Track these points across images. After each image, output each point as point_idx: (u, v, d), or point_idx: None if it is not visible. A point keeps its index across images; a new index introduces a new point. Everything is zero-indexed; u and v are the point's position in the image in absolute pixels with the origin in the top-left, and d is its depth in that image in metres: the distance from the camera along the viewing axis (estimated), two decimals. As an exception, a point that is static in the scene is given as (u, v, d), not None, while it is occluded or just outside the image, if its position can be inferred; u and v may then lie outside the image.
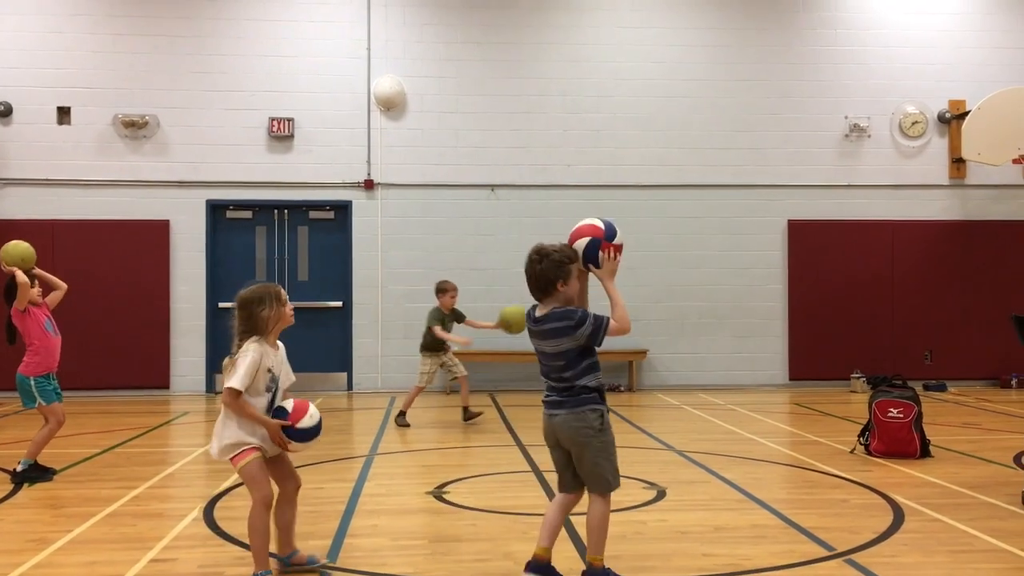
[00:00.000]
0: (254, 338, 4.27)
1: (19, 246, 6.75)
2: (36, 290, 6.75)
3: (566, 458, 4.18)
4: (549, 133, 12.93)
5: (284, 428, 4.30)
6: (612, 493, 4.16)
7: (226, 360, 4.32)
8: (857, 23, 13.30)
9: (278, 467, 4.43)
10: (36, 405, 6.67)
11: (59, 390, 6.83)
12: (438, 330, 9.38)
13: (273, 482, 4.37)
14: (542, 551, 4.17)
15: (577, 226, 4.21)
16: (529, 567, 4.16)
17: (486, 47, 12.91)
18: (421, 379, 9.57)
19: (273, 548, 4.41)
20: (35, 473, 6.58)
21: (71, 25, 12.41)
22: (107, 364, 12.10)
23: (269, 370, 4.28)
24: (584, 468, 4.11)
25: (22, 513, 5.78)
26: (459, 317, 9.57)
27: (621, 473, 4.20)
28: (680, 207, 13.01)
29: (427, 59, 12.81)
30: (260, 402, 4.29)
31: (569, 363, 4.09)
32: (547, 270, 4.05)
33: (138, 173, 12.45)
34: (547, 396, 4.18)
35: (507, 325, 8.47)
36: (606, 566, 4.16)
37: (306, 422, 4.35)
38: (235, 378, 4.17)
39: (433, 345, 9.56)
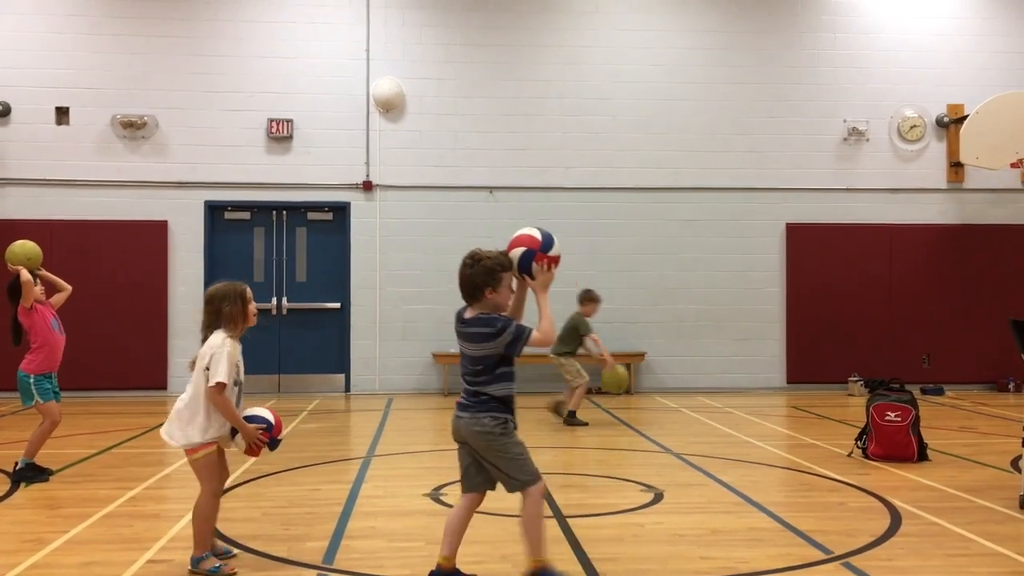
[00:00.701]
0: (222, 332, 4.46)
1: (25, 245, 6.78)
2: (39, 289, 6.76)
3: (469, 456, 4.20)
4: (548, 135, 12.94)
5: (270, 440, 4.50)
6: (540, 491, 4.13)
7: (194, 357, 4.51)
8: (855, 27, 13.32)
9: (219, 461, 4.61)
10: (33, 403, 6.67)
11: (57, 390, 6.85)
12: (595, 337, 9.72)
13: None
14: (444, 560, 4.19)
15: (516, 234, 4.20)
16: None
17: (485, 49, 12.92)
18: (578, 377, 9.66)
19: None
20: (31, 473, 6.59)
21: (70, 25, 12.41)
22: (105, 364, 12.08)
23: (237, 364, 4.49)
24: (495, 471, 4.17)
25: (19, 513, 5.77)
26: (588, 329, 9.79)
27: (618, 476, 4.21)
28: (678, 210, 13.02)
29: (426, 61, 12.81)
30: (231, 395, 4.47)
31: (484, 369, 4.11)
32: (476, 276, 4.09)
33: (136, 174, 12.45)
34: (460, 398, 4.22)
35: (610, 384, 9.63)
36: (547, 567, 4.14)
37: (282, 434, 4.63)
38: (220, 373, 4.35)
39: (575, 350, 9.76)
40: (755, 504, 5.90)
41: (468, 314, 4.16)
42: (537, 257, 4.07)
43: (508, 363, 4.13)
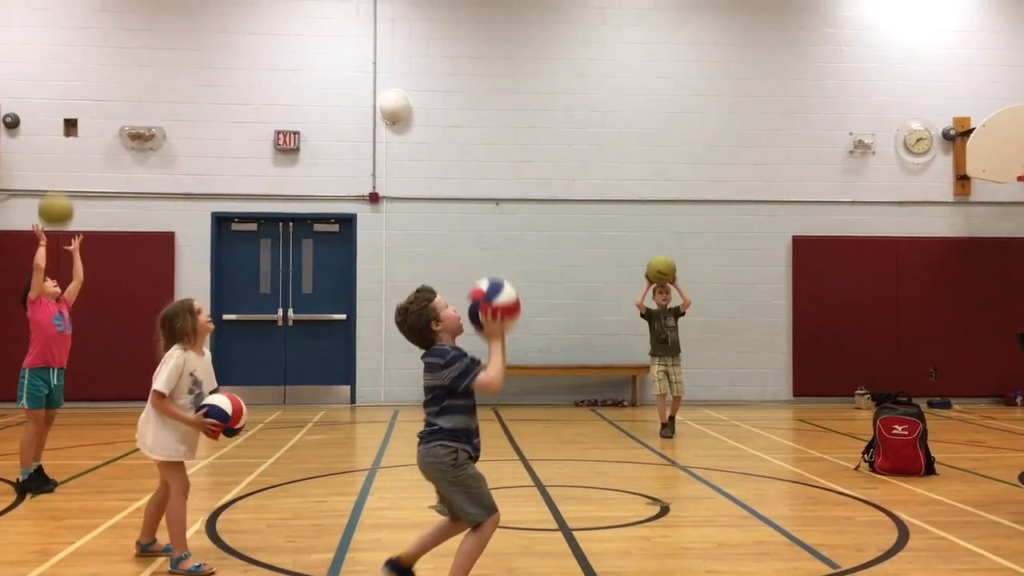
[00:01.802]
0: (177, 345, 4.75)
1: (58, 201, 6.90)
2: (52, 283, 6.78)
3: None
4: (554, 148, 12.96)
5: (226, 429, 4.74)
6: (493, 524, 4.10)
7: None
8: (862, 40, 13.34)
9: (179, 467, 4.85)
10: (20, 404, 6.61)
11: (57, 394, 6.75)
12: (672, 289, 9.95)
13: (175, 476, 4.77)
14: (405, 555, 4.30)
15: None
16: (388, 563, 4.29)
17: (491, 62, 12.96)
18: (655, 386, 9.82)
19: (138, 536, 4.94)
20: (35, 483, 6.53)
21: (79, 38, 12.48)
22: (111, 375, 12.09)
23: (192, 374, 4.75)
24: (451, 502, 4.16)
25: (24, 524, 5.77)
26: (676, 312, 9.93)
27: (624, 489, 4.19)
28: (684, 222, 13.02)
29: (433, 73, 12.86)
30: (183, 402, 4.74)
31: (433, 399, 4.13)
32: (414, 322, 4.11)
33: (144, 185, 12.50)
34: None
35: (657, 273, 9.76)
36: None
37: (242, 420, 4.83)
38: (159, 381, 4.67)
39: (654, 350, 9.86)
40: (762, 518, 5.87)
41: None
42: (481, 307, 4.06)
43: (457, 396, 4.07)
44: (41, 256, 6.69)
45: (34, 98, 12.37)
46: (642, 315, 9.91)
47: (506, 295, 4.13)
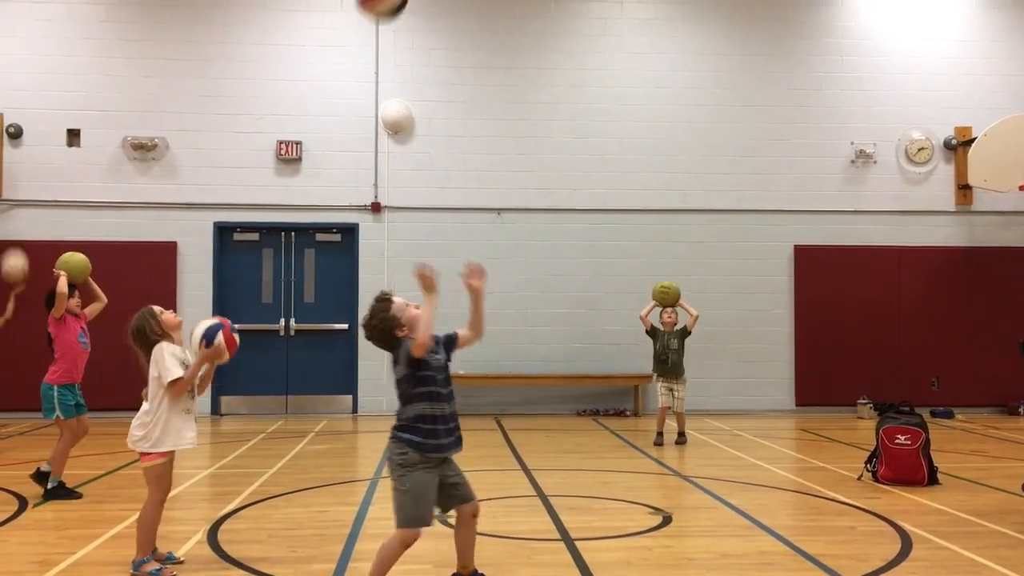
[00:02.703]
0: (160, 343, 4.91)
1: (75, 257, 7.02)
2: (76, 300, 6.99)
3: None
4: (555, 157, 12.98)
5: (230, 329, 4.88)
6: (409, 538, 4.16)
7: (145, 390, 5.00)
8: (863, 49, 13.37)
9: (168, 473, 4.98)
10: (54, 417, 6.84)
11: (82, 402, 7.04)
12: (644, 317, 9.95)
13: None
14: (462, 568, 4.46)
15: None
16: None
17: (493, 72, 13.00)
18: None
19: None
20: (63, 492, 6.74)
21: (82, 48, 12.53)
22: (113, 385, 12.03)
23: (181, 360, 4.93)
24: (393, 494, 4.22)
25: (26, 534, 5.77)
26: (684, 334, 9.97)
27: (625, 499, 4.18)
28: (685, 232, 13.03)
29: (435, 83, 12.89)
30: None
31: (400, 394, 4.23)
32: (379, 336, 4.19)
33: (147, 195, 12.52)
34: None
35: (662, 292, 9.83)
36: None
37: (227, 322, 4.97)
38: (169, 373, 4.81)
39: (655, 367, 9.93)
40: (764, 528, 5.86)
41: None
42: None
43: (418, 383, 4.13)
44: (63, 284, 6.84)
45: (37, 108, 12.40)
46: (647, 331, 9.95)
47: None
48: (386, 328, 4.16)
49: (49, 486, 6.76)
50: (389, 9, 5.39)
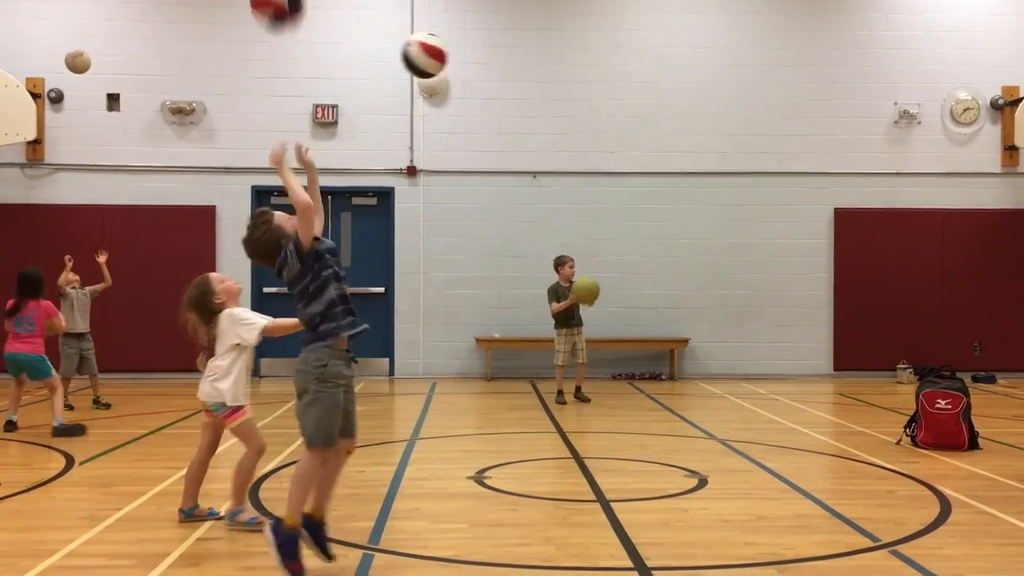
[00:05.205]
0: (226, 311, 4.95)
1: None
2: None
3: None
4: (592, 120, 12.87)
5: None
6: (320, 457, 4.09)
7: (200, 358, 5.15)
8: (907, 7, 13.04)
9: (215, 431, 5.12)
10: (51, 375, 7.95)
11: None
12: (554, 307, 10.03)
13: (247, 437, 5.05)
14: (314, 510, 4.20)
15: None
16: (304, 521, 4.11)
17: (529, 33, 12.87)
18: (556, 357, 10.16)
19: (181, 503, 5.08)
20: (71, 429, 7.71)
21: (120, 12, 12.59)
22: (155, 347, 12.27)
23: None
24: (297, 414, 4.14)
25: (73, 491, 5.92)
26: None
27: (662, 461, 4.18)
28: (724, 195, 12.89)
29: (470, 46, 12.79)
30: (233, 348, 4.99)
31: (299, 294, 4.20)
32: (261, 244, 4.25)
33: (185, 159, 12.63)
34: None
35: (579, 298, 9.75)
36: (294, 531, 4.00)
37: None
38: (254, 324, 4.86)
39: (561, 320, 10.11)
40: (801, 491, 5.85)
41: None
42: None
43: (314, 275, 4.16)
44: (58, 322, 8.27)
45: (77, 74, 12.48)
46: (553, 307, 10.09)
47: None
48: (271, 237, 4.20)
49: (56, 425, 7.69)
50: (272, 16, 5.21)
